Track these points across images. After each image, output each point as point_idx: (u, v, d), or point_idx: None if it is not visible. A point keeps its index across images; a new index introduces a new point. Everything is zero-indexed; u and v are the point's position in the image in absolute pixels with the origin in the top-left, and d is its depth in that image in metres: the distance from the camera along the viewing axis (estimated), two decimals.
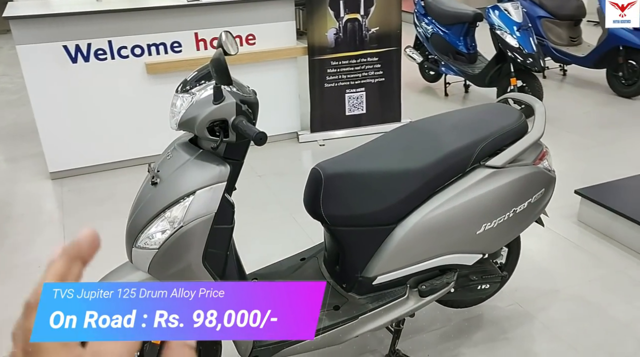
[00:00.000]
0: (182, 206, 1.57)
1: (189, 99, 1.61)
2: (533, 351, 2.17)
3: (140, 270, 1.68)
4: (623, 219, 2.79)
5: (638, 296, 2.45)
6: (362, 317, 1.88)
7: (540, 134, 1.94)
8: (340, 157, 1.93)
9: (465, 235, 1.89)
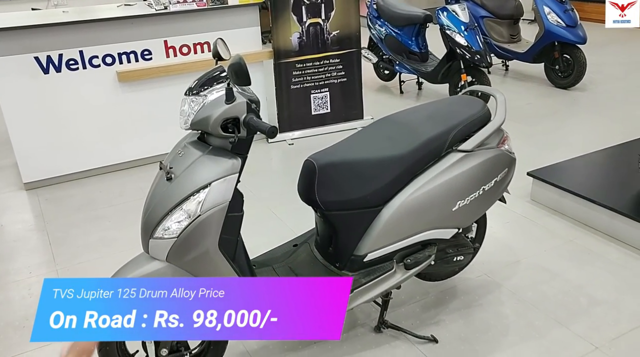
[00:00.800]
0: (199, 197, 1.74)
1: (199, 101, 1.78)
2: (502, 313, 2.46)
3: (157, 259, 1.83)
4: (571, 195, 3.14)
5: (587, 260, 2.79)
6: (356, 291, 2.10)
7: (502, 120, 2.23)
8: (330, 149, 2.14)
9: (442, 212, 2.15)
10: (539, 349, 2.23)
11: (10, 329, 2.47)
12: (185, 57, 4.02)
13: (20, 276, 2.85)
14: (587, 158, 3.58)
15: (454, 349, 2.26)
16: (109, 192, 3.75)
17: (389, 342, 2.30)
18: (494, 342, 2.29)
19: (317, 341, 2.31)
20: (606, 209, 2.95)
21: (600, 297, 2.52)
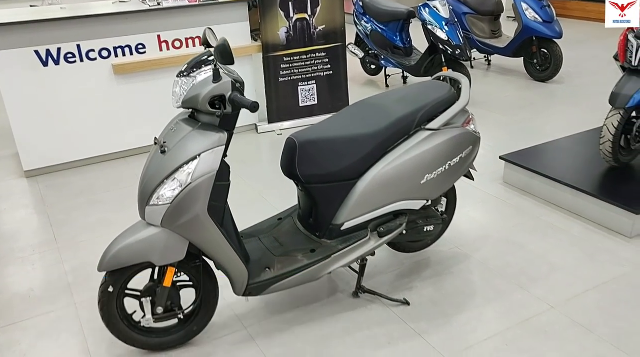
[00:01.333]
0: (190, 167, 1.95)
1: (189, 82, 1.99)
2: (470, 280, 2.68)
3: (153, 225, 2.04)
4: (539, 176, 3.38)
5: (550, 234, 3.03)
6: (334, 255, 2.32)
7: (466, 102, 2.46)
8: (310, 128, 2.36)
9: (412, 185, 2.37)
10: (502, 309, 2.46)
11: (17, 298, 2.67)
12: (177, 51, 4.23)
13: (24, 253, 3.05)
14: (556, 143, 3.81)
15: (425, 310, 2.48)
16: (107, 179, 3.95)
17: (365, 305, 2.52)
18: (462, 304, 2.51)
19: (299, 305, 2.53)
20: (571, 188, 3.18)
21: (560, 265, 2.75)
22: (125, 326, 2.18)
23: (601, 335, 2.27)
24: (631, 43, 3.09)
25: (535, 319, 2.38)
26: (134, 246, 2.03)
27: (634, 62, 3.07)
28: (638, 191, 3.12)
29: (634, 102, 3.04)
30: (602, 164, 3.35)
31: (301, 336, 2.35)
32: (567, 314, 2.40)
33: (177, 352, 2.28)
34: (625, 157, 3.30)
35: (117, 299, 2.14)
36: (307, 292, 2.60)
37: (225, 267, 2.14)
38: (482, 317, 2.42)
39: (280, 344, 2.31)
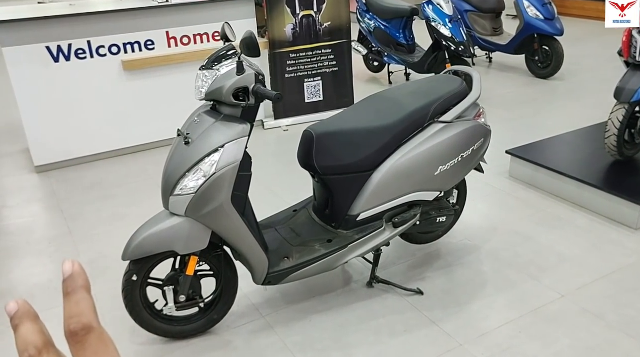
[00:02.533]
0: (214, 157, 2.00)
1: (213, 74, 2.04)
2: (481, 270, 2.75)
3: (177, 215, 2.09)
4: (544, 170, 3.44)
5: (557, 225, 3.09)
6: (351, 245, 2.38)
7: (478, 95, 2.52)
8: (326, 121, 2.42)
9: (426, 176, 2.43)
10: (513, 298, 2.52)
11: (37, 289, 2.71)
12: (185, 47, 4.27)
13: (41, 246, 3.09)
14: (560, 138, 3.88)
15: (438, 299, 2.54)
16: (117, 174, 3.99)
17: (380, 295, 2.58)
18: (473, 293, 2.57)
19: (314, 295, 2.58)
20: (575, 181, 3.25)
21: (567, 255, 2.81)
22: (148, 314, 2.23)
23: (610, 322, 2.34)
24: (635, 39, 3.16)
25: (546, 308, 2.45)
26: (158, 235, 2.08)
27: (638, 57, 3.14)
28: None
29: (638, 96, 3.10)
30: (606, 157, 3.42)
31: (318, 325, 2.41)
32: (577, 302, 2.47)
33: (197, 340, 2.33)
34: (630, 150, 3.38)
35: (141, 288, 2.19)
36: (321, 282, 2.66)
37: (246, 255, 2.19)
38: (494, 305, 2.48)
39: (298, 333, 2.37)
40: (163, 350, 2.30)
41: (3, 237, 3.20)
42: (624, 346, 2.21)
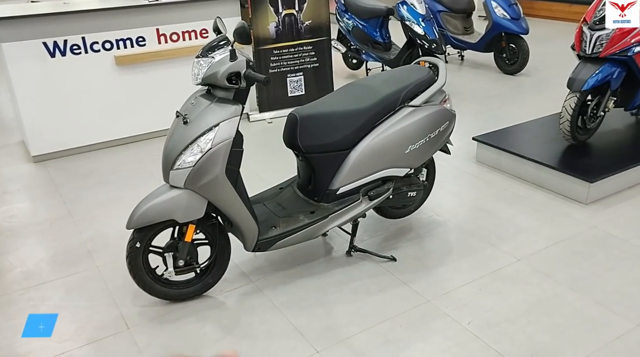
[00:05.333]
0: (210, 135, 2.27)
1: (208, 61, 2.31)
2: (447, 240, 3.06)
3: (176, 187, 2.36)
4: (507, 154, 3.78)
5: (516, 202, 3.43)
6: (331, 216, 2.67)
7: (443, 82, 2.83)
8: (309, 105, 2.71)
9: (397, 154, 2.74)
10: (475, 262, 2.84)
11: (43, 263, 2.95)
12: (174, 44, 4.52)
13: (43, 226, 3.32)
14: (522, 126, 4.24)
15: (410, 265, 2.84)
16: (111, 163, 4.23)
17: (357, 262, 2.88)
18: (440, 259, 2.89)
19: (299, 263, 2.87)
20: (533, 163, 3.60)
21: (524, 227, 3.15)
22: (150, 278, 2.49)
23: (558, 280, 2.67)
24: (585, 33, 3.52)
25: (504, 270, 2.77)
26: (159, 205, 2.35)
27: (587, 50, 3.50)
28: (592, 163, 3.56)
29: (588, 85, 3.46)
30: (562, 142, 3.78)
31: (302, 287, 2.69)
32: (530, 264, 2.80)
33: (194, 302, 2.60)
34: (582, 135, 3.74)
35: (143, 254, 2.44)
36: (305, 252, 2.95)
37: (238, 223, 2.47)
38: (458, 268, 2.80)
39: (284, 293, 2.65)
40: (163, 310, 2.55)
41: (7, 219, 3.41)
42: (569, 298, 2.54)
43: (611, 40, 3.42)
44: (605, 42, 3.44)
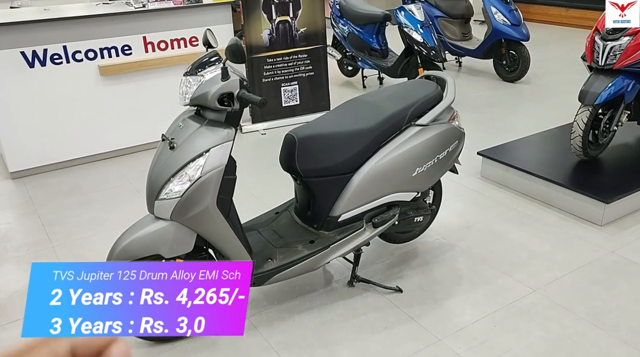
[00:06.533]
0: (199, 162, 2.05)
1: (197, 80, 2.08)
2: (456, 267, 2.86)
3: (162, 218, 2.13)
4: (514, 170, 3.59)
5: (527, 223, 3.23)
6: (332, 246, 2.45)
7: (452, 99, 2.63)
8: (307, 125, 2.49)
9: (404, 177, 2.53)
10: (487, 293, 2.63)
11: (17, 297, 2.69)
12: (162, 52, 4.28)
13: (19, 253, 3.07)
14: (528, 139, 4.04)
15: (417, 296, 2.63)
16: (94, 179, 3.98)
17: (360, 293, 2.66)
18: (449, 289, 2.68)
19: (297, 295, 2.65)
20: (543, 180, 3.40)
21: (538, 252, 2.95)
22: None
23: (579, 314, 2.47)
24: (597, 44, 3.33)
25: (519, 302, 2.56)
26: (143, 239, 2.12)
27: (600, 62, 3.31)
28: (606, 181, 3.37)
29: (601, 99, 3.27)
30: (572, 157, 3.58)
31: (301, 324, 2.47)
32: (547, 296, 2.60)
33: (182, 342, 2.37)
34: (594, 151, 3.55)
35: None
36: (303, 282, 2.72)
37: (231, 258, 2.24)
38: (469, 300, 2.59)
39: (281, 332, 2.42)
40: (148, 354, 2.32)
41: None
42: (593, 336, 2.34)
43: (625, 51, 3.23)
44: (619, 54, 3.25)
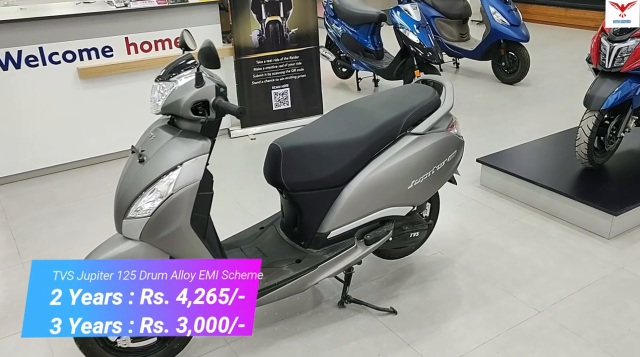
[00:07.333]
0: (171, 177, 1.84)
1: (170, 86, 1.88)
2: (455, 285, 2.66)
3: (131, 239, 1.92)
4: (516, 178, 3.39)
5: (530, 236, 3.04)
6: (321, 266, 2.25)
7: (450, 105, 2.43)
8: (294, 133, 2.29)
9: (398, 190, 2.33)
10: (489, 315, 2.43)
11: None
12: (146, 54, 4.07)
13: None
14: (530, 145, 3.85)
15: (412, 318, 2.43)
16: (72, 188, 3.77)
17: (351, 315, 2.45)
18: (448, 311, 2.48)
19: (283, 317, 2.44)
20: (547, 190, 3.21)
21: (542, 268, 2.75)
22: (101, 347, 2.05)
23: (589, 339, 2.28)
24: (604, 45, 3.14)
25: (523, 325, 2.37)
26: None
27: (607, 64, 3.12)
28: (614, 191, 3.18)
29: (608, 104, 3.08)
30: (577, 165, 3.39)
31: (288, 351, 2.27)
32: (554, 318, 2.40)
33: None
34: (600, 158, 3.36)
35: None
36: (291, 303, 2.52)
37: None
38: (470, 323, 2.39)
39: None
40: None
41: None
42: None
43: (634, 53, 3.04)
44: (626, 56, 3.06)
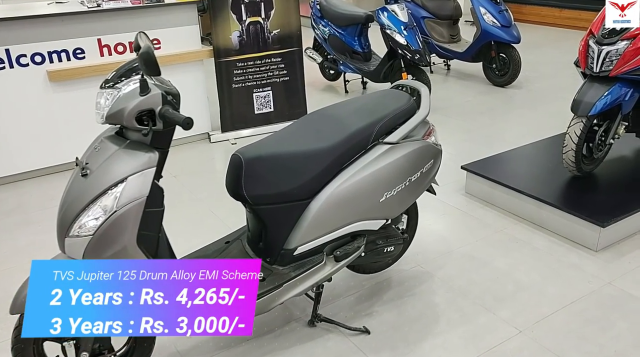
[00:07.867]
0: (115, 192, 1.70)
1: (114, 94, 1.74)
2: (433, 302, 2.51)
3: (74, 259, 1.78)
4: (501, 187, 3.25)
5: (514, 248, 2.90)
6: (286, 284, 2.10)
7: (426, 112, 2.28)
8: (257, 143, 2.14)
9: (370, 203, 2.18)
10: (467, 335, 2.29)
11: None
12: (120, 56, 3.92)
13: None
14: (518, 151, 3.71)
15: (386, 338, 2.29)
16: (41, 196, 3.62)
17: (322, 335, 2.31)
18: (424, 330, 2.34)
19: (249, 338, 2.30)
20: (533, 199, 3.07)
21: (525, 283, 2.61)
22: None
23: None
24: (592, 48, 3.00)
25: (503, 346, 2.23)
26: None
27: (595, 68, 2.98)
28: (602, 202, 3.03)
29: (596, 109, 2.94)
30: (565, 172, 3.25)
31: None
32: (536, 338, 2.26)
33: None
34: (588, 165, 3.22)
35: (35, 345, 1.86)
36: (258, 322, 2.38)
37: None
38: (446, 344, 2.25)
39: None
40: None
41: None
42: None
43: (623, 56, 2.90)
44: (615, 59, 2.92)
